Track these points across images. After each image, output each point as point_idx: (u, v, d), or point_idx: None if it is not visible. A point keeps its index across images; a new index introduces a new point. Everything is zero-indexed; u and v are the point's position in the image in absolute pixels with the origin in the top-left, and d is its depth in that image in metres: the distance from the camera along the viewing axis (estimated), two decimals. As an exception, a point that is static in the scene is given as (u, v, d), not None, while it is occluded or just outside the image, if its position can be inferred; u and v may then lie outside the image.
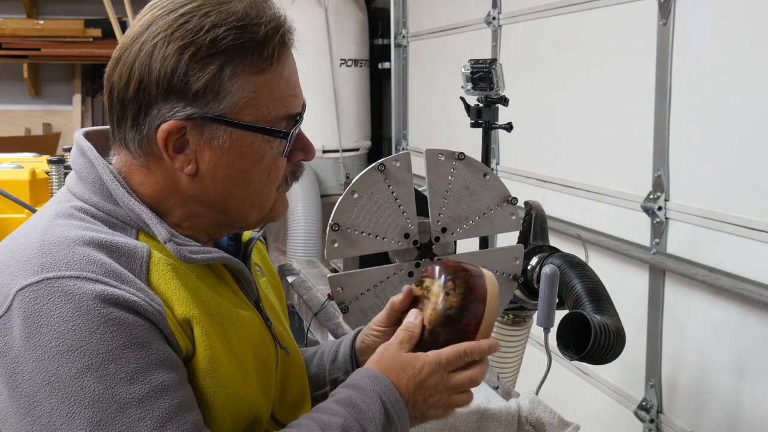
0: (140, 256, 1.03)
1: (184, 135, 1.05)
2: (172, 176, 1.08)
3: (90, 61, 6.28)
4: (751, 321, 2.08)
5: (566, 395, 2.87)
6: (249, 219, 1.14)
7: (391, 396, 1.08)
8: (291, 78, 1.10)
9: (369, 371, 1.11)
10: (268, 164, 1.10)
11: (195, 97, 1.03)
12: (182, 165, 1.06)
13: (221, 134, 1.05)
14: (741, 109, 2.08)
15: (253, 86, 1.05)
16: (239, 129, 1.05)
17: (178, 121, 1.03)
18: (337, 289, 1.67)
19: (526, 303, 1.98)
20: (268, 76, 1.06)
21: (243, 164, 1.07)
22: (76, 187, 1.10)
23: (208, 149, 1.06)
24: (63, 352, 0.93)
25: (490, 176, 1.75)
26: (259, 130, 1.06)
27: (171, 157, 1.06)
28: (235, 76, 1.03)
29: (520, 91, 3.04)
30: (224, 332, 1.08)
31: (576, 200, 2.84)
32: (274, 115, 1.07)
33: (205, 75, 1.02)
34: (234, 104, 1.04)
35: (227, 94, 1.04)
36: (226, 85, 1.03)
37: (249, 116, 1.06)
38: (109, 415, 0.93)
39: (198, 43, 1.02)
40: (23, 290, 0.95)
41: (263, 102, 1.06)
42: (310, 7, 5.08)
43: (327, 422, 1.04)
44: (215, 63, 1.02)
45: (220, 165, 1.07)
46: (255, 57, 1.04)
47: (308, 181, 4.93)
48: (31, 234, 1.02)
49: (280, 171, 1.12)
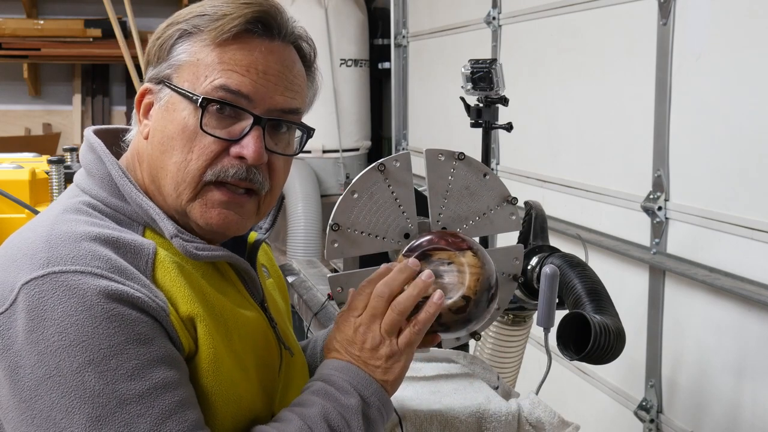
0: (146, 253, 1.03)
1: (150, 99, 1.11)
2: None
3: (90, 61, 6.28)
4: (751, 321, 2.08)
5: (566, 395, 2.87)
6: (168, 199, 1.09)
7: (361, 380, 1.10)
8: (246, 59, 1.07)
9: (333, 362, 1.13)
10: (190, 135, 1.06)
11: (155, 59, 1.10)
12: (143, 128, 1.12)
13: (164, 96, 1.09)
14: (741, 109, 2.08)
15: (196, 53, 1.08)
16: (174, 92, 1.08)
17: (147, 84, 1.11)
18: (337, 289, 1.66)
19: (526, 303, 1.98)
20: (218, 49, 1.07)
21: (171, 129, 1.08)
22: (84, 182, 1.11)
23: (156, 111, 1.10)
24: (65, 347, 0.94)
25: (490, 176, 1.75)
26: (183, 95, 1.07)
27: (140, 121, 1.12)
28: (182, 41, 1.09)
29: (520, 91, 3.04)
30: (227, 331, 1.08)
31: (576, 200, 2.84)
32: (210, 86, 1.07)
33: (164, 37, 1.10)
34: (178, 67, 1.08)
35: (172, 56, 1.09)
36: (174, 48, 1.09)
37: (187, 82, 1.08)
38: (109, 410, 0.93)
39: (180, 17, 1.10)
40: (29, 284, 0.96)
41: (203, 71, 1.07)
42: (310, 7, 5.09)
43: (306, 413, 1.06)
44: (175, 27, 1.10)
45: (157, 127, 1.10)
46: (210, 29, 1.07)
47: (308, 181, 4.93)
48: (38, 228, 1.03)
49: (206, 150, 1.06)
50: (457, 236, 1.21)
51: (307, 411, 1.06)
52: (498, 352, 2.04)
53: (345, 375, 1.09)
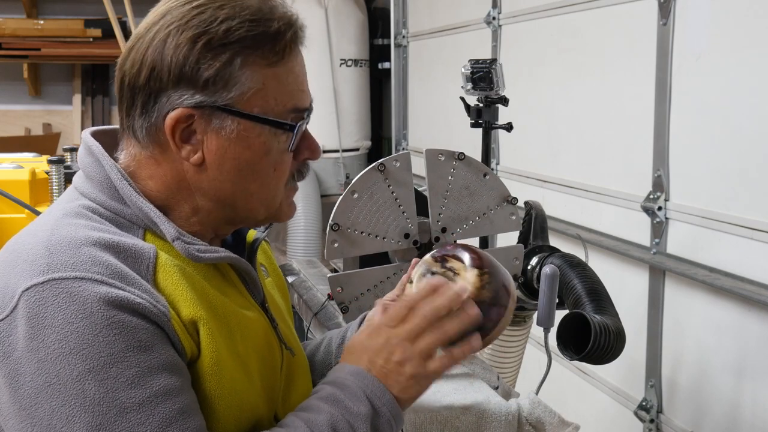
0: (147, 257, 1.03)
1: (192, 124, 1.05)
2: (179, 168, 1.08)
3: (90, 61, 6.28)
4: (751, 321, 2.08)
5: (566, 395, 2.87)
6: (256, 215, 1.14)
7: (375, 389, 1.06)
8: (300, 73, 1.11)
9: (349, 367, 1.09)
10: (275, 158, 1.10)
11: (205, 85, 1.04)
12: (188, 154, 1.07)
13: (228, 124, 1.06)
14: (741, 109, 2.08)
15: (262, 78, 1.06)
16: (246, 119, 1.06)
17: (186, 108, 1.04)
18: (337, 289, 1.67)
19: (526, 303, 1.98)
20: (278, 69, 1.07)
21: (249, 156, 1.08)
22: (83, 185, 1.10)
23: (215, 139, 1.06)
24: (65, 354, 0.93)
25: (490, 176, 1.75)
26: (265, 122, 1.07)
27: (178, 146, 1.06)
28: (246, 67, 1.05)
29: (520, 91, 3.04)
30: (230, 334, 1.07)
31: (576, 200, 2.84)
32: (282, 108, 1.08)
33: (216, 63, 1.03)
34: (242, 94, 1.05)
35: (236, 84, 1.05)
36: (235, 74, 1.04)
37: (257, 108, 1.06)
38: (109, 419, 0.93)
39: (212, 32, 1.03)
40: (29, 290, 0.95)
41: (271, 94, 1.07)
42: (310, 7, 5.09)
43: (314, 420, 1.04)
44: (227, 53, 1.04)
45: (227, 156, 1.07)
46: (267, 50, 1.06)
47: (308, 181, 4.93)
48: (38, 233, 1.02)
49: (287, 166, 1.12)
50: (481, 254, 1.15)
51: (315, 418, 1.05)
52: (498, 352, 2.04)
53: (359, 381, 1.07)
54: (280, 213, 1.16)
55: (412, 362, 1.07)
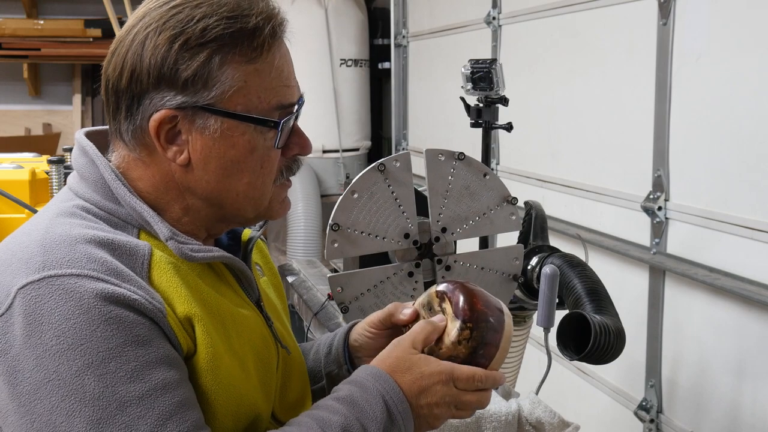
0: (142, 254, 1.03)
1: (176, 125, 1.06)
2: (167, 169, 1.09)
3: (90, 61, 6.28)
4: (751, 321, 2.08)
5: (566, 395, 2.87)
6: (245, 213, 1.13)
7: (395, 395, 1.06)
8: (284, 69, 1.10)
9: (373, 369, 1.10)
10: (261, 155, 1.09)
11: (185, 85, 1.04)
12: (174, 155, 1.07)
13: (212, 123, 1.06)
14: (741, 109, 2.08)
15: (243, 75, 1.06)
16: (229, 118, 1.06)
17: (169, 110, 1.04)
18: (337, 289, 1.67)
19: (526, 303, 1.98)
20: (259, 65, 1.07)
21: (234, 155, 1.08)
22: (77, 186, 1.10)
23: (200, 139, 1.07)
24: (63, 350, 0.93)
25: (490, 176, 1.76)
26: (248, 119, 1.07)
27: (163, 147, 1.07)
28: (225, 65, 1.05)
29: (520, 91, 3.04)
30: (225, 331, 1.08)
31: (576, 200, 2.84)
32: (266, 105, 1.08)
33: (194, 63, 1.03)
34: (224, 93, 1.05)
35: (216, 83, 1.05)
36: (215, 73, 1.04)
37: (240, 106, 1.06)
38: (109, 413, 0.93)
39: (188, 32, 1.03)
40: (25, 288, 0.96)
41: (254, 91, 1.07)
42: (310, 7, 5.09)
43: (327, 420, 1.04)
44: (204, 52, 1.04)
45: (212, 155, 1.07)
46: (245, 47, 1.05)
47: (308, 181, 4.93)
48: (33, 232, 1.03)
49: (274, 163, 1.11)
50: (475, 305, 1.14)
51: (328, 418, 1.05)
52: (498, 352, 2.03)
53: (378, 384, 1.07)
54: (271, 210, 1.15)
55: (442, 406, 1.10)
